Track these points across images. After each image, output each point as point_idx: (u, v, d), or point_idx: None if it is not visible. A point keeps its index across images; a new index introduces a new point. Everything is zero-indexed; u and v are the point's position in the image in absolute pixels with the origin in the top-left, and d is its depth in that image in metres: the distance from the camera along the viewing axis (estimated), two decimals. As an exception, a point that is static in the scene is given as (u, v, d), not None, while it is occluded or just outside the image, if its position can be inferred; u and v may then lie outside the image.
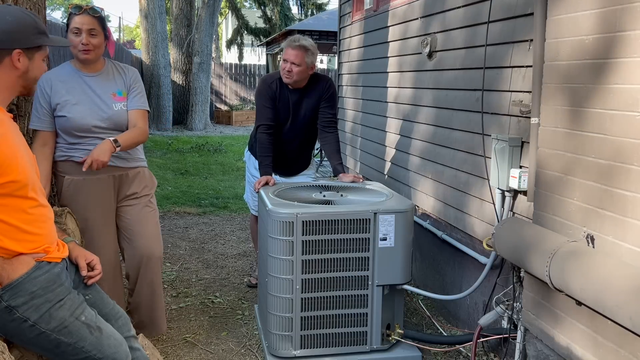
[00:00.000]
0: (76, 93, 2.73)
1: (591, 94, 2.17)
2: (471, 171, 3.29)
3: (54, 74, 2.76)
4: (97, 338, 1.91)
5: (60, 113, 2.70)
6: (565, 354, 2.31)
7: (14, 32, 1.83)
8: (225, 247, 5.00)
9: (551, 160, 2.41)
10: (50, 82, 2.72)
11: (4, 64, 1.85)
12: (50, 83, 2.71)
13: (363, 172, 5.46)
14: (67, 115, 2.70)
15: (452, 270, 3.59)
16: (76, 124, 2.71)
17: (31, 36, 1.88)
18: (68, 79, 2.75)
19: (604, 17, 2.11)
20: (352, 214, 2.78)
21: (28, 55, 1.89)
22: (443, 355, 3.12)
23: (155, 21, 13.96)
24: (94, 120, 2.73)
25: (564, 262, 2.13)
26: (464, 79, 3.43)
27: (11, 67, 1.86)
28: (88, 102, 2.74)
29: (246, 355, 3.10)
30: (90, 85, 2.77)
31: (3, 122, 1.81)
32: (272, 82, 3.62)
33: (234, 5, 21.97)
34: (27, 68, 1.90)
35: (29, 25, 1.88)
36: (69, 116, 2.70)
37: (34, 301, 1.83)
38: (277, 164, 3.68)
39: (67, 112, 2.70)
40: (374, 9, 5.34)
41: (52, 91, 2.70)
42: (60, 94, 2.71)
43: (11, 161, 1.76)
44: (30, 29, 1.88)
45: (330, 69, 18.21)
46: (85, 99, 2.74)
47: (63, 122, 2.72)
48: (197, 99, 14.90)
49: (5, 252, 1.81)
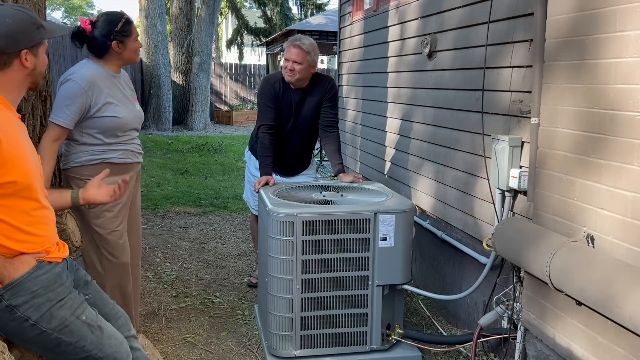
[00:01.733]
0: (115, 94, 2.76)
1: (591, 94, 2.17)
2: (471, 171, 3.29)
3: (92, 74, 2.69)
4: (98, 337, 1.91)
5: (105, 113, 2.70)
6: (565, 354, 2.31)
7: (17, 34, 1.84)
8: (225, 247, 5.00)
9: (551, 160, 2.41)
10: (93, 84, 2.66)
11: (13, 66, 1.86)
12: (93, 85, 2.66)
13: (363, 172, 5.46)
14: (115, 115, 2.72)
15: (452, 270, 3.59)
16: (123, 123, 2.76)
17: (33, 33, 1.89)
18: (105, 80, 2.74)
19: (604, 17, 2.11)
20: (352, 214, 2.78)
21: (33, 52, 1.90)
22: (443, 355, 3.12)
23: (155, 21, 13.96)
24: (132, 118, 2.83)
25: (564, 262, 2.13)
26: (464, 79, 3.43)
27: (20, 67, 1.87)
28: (126, 102, 2.81)
29: (246, 355, 3.10)
30: (119, 87, 2.82)
31: (11, 122, 1.81)
32: (275, 82, 3.62)
33: (234, 5, 21.97)
34: (35, 64, 1.91)
35: (28, 23, 1.88)
36: (118, 116, 2.73)
37: (35, 300, 1.83)
38: (278, 163, 3.68)
39: (113, 112, 2.72)
40: (374, 9, 5.35)
41: (94, 93, 2.66)
42: (104, 95, 2.69)
43: (15, 161, 1.76)
44: (31, 25, 1.89)
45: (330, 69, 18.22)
46: (123, 100, 2.80)
47: (109, 123, 2.71)
48: (197, 99, 14.90)
49: (6, 251, 1.81)
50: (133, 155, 2.90)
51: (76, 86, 2.61)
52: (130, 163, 2.89)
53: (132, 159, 2.90)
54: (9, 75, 1.86)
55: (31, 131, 2.79)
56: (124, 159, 2.83)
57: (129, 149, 2.86)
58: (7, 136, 1.74)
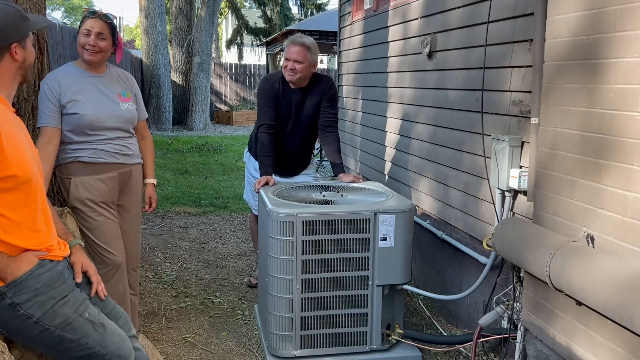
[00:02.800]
0: (86, 92, 2.75)
1: (591, 94, 2.17)
2: (471, 171, 3.29)
3: (60, 73, 2.76)
4: (101, 334, 1.92)
5: (72, 110, 2.70)
6: (565, 354, 2.31)
7: (6, 28, 1.84)
8: (225, 247, 5.00)
9: (551, 160, 2.41)
10: (58, 80, 2.72)
11: (4, 59, 1.87)
12: (59, 81, 2.71)
13: (363, 172, 5.46)
14: (80, 112, 2.71)
15: (452, 270, 3.59)
16: (89, 121, 2.73)
17: (20, 26, 1.90)
18: (76, 78, 2.76)
19: (604, 17, 2.11)
20: (352, 214, 2.78)
21: (22, 45, 1.91)
22: (443, 355, 3.12)
23: (155, 21, 13.96)
24: (105, 117, 2.78)
25: (564, 262, 2.13)
26: (464, 79, 3.43)
27: (11, 61, 1.88)
28: (98, 100, 2.78)
29: (246, 355, 3.10)
30: (97, 85, 2.80)
31: (8, 117, 1.82)
32: (275, 82, 3.61)
33: (234, 5, 21.97)
34: (24, 57, 1.93)
35: (15, 16, 1.89)
36: (83, 113, 2.71)
37: (38, 298, 1.83)
38: (278, 164, 3.68)
39: (79, 109, 2.71)
40: (374, 9, 5.35)
41: (61, 89, 2.70)
42: (70, 92, 2.71)
43: (14, 156, 1.77)
44: (17, 18, 1.89)
45: (330, 69, 18.21)
46: (95, 98, 2.77)
47: (75, 120, 2.71)
48: (197, 99, 14.90)
49: (6, 247, 1.81)
50: (108, 156, 2.81)
51: (44, 86, 2.70)
52: (104, 163, 2.80)
53: (107, 159, 2.80)
54: (1, 70, 1.87)
55: (31, 131, 2.79)
56: (95, 158, 2.77)
57: (102, 148, 2.78)
58: (6, 131, 1.75)
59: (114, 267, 2.83)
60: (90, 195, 2.77)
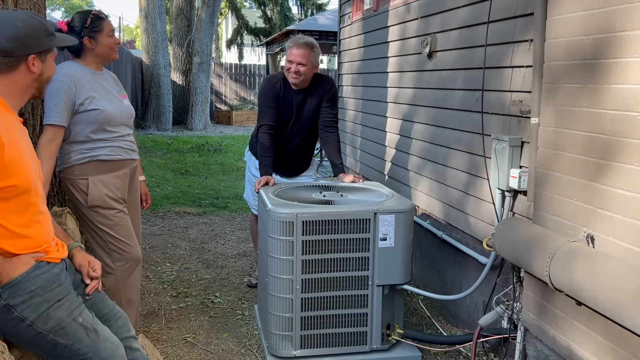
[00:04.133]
0: (97, 89, 2.77)
1: (591, 94, 2.17)
2: (471, 171, 3.29)
3: (72, 71, 2.73)
4: (94, 340, 1.91)
5: (91, 107, 2.71)
6: (565, 354, 2.31)
7: (26, 38, 1.86)
8: (225, 247, 5.00)
9: (551, 160, 2.41)
10: (73, 78, 2.70)
11: (19, 69, 1.87)
12: (74, 79, 2.70)
13: (363, 172, 5.46)
14: (100, 107, 2.72)
15: (452, 270, 3.59)
16: (108, 117, 2.75)
17: (42, 39, 1.91)
18: (86, 76, 2.77)
19: (604, 17, 2.11)
20: (352, 214, 2.78)
21: (41, 59, 1.92)
22: (443, 355, 3.12)
23: (155, 21, 13.96)
24: (118, 113, 2.81)
25: (564, 262, 2.13)
26: (464, 79, 3.43)
27: (27, 72, 1.89)
28: (109, 97, 2.81)
29: (246, 355, 3.10)
30: (102, 83, 2.83)
31: (12, 126, 1.82)
32: (276, 82, 3.60)
33: (234, 5, 21.96)
34: (42, 70, 1.93)
35: (39, 29, 1.90)
36: (102, 109, 2.73)
37: (33, 300, 1.82)
38: (279, 164, 3.68)
39: (98, 105, 2.72)
40: (373, 9, 5.34)
41: (76, 87, 2.69)
42: (85, 89, 2.71)
43: (16, 165, 1.76)
44: (41, 32, 1.91)
45: (330, 69, 18.21)
46: (106, 95, 2.80)
47: (95, 116, 2.71)
48: (197, 99, 14.90)
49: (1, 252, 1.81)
50: (124, 152, 2.87)
51: (57, 83, 2.64)
52: (121, 160, 2.86)
53: (123, 155, 2.86)
54: (14, 79, 1.87)
55: (31, 131, 2.79)
56: (113, 155, 2.81)
57: (118, 145, 2.84)
58: (9, 140, 1.75)
59: (135, 261, 2.87)
60: (111, 193, 2.80)
